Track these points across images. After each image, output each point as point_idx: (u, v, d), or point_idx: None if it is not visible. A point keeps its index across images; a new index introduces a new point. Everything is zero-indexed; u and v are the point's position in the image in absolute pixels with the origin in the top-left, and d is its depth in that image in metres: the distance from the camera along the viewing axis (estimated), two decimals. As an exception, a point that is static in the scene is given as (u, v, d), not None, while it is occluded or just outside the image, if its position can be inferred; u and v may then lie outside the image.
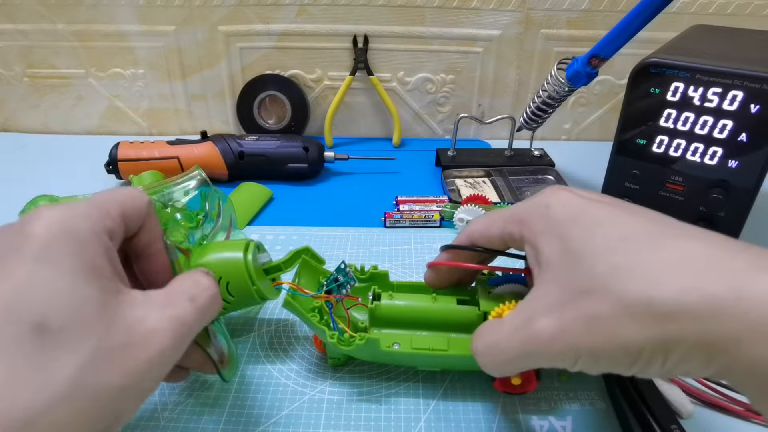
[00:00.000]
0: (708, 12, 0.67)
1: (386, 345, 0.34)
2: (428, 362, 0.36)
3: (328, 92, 0.76)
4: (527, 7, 0.68)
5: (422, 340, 0.35)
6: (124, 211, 0.25)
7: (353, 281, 0.35)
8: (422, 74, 0.74)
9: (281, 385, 0.37)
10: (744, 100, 0.38)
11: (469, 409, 0.35)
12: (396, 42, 0.71)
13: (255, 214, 0.58)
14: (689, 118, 0.40)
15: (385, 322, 0.36)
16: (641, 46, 0.54)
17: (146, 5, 0.69)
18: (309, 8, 0.69)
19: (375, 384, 0.37)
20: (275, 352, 0.39)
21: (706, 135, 0.40)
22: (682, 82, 0.40)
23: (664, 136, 0.42)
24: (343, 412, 0.35)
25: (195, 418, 0.34)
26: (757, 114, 0.38)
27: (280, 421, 0.34)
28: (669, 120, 0.41)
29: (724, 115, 0.39)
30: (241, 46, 0.72)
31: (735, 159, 0.40)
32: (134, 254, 0.28)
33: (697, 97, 0.40)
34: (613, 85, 0.73)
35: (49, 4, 0.70)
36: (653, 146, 0.43)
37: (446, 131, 0.78)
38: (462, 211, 0.54)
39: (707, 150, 0.41)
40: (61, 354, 0.19)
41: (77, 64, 0.74)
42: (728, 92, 0.38)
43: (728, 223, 0.42)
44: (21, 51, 0.73)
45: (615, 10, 0.68)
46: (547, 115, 0.60)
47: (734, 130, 0.39)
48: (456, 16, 0.69)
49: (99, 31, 0.71)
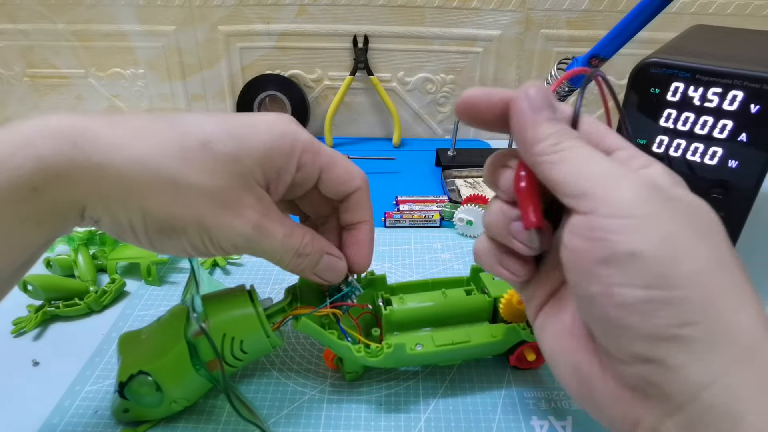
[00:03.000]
0: (708, 12, 0.67)
1: (410, 348, 0.34)
2: (451, 356, 0.36)
3: (328, 92, 0.76)
4: (527, 7, 0.68)
5: (443, 336, 0.35)
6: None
7: (358, 290, 0.34)
8: (422, 74, 0.74)
9: (281, 385, 0.37)
10: (744, 100, 0.38)
11: (469, 409, 0.35)
12: (396, 42, 0.71)
13: (255, 214, 0.58)
14: (689, 118, 0.40)
15: (399, 326, 0.36)
16: (641, 46, 0.54)
17: (146, 5, 0.69)
18: (309, 8, 0.69)
19: (375, 384, 0.37)
20: (275, 351, 0.39)
21: (706, 135, 0.40)
22: (682, 82, 0.40)
23: (664, 136, 0.42)
24: (343, 412, 0.35)
25: (195, 417, 0.34)
26: (757, 114, 0.38)
27: (280, 421, 0.34)
28: (669, 120, 0.41)
29: (724, 115, 0.39)
30: (241, 46, 0.72)
31: (735, 159, 0.40)
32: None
33: (697, 97, 0.40)
34: (613, 85, 0.73)
35: (49, 4, 0.70)
36: (653, 146, 0.43)
37: (446, 131, 0.78)
38: (462, 211, 0.54)
39: (707, 150, 0.41)
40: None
41: (77, 64, 0.74)
42: (728, 92, 0.38)
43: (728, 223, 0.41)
44: (21, 51, 0.73)
45: (615, 10, 0.68)
46: (547, 115, 0.60)
47: (734, 130, 0.39)
48: (456, 16, 0.69)
49: (99, 31, 0.71)
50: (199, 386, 0.33)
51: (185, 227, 0.26)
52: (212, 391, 0.35)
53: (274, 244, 0.29)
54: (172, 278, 0.48)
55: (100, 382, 0.37)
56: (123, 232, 0.26)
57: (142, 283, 0.47)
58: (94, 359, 0.39)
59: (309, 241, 0.30)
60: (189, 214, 0.26)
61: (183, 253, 0.28)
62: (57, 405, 0.35)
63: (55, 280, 0.44)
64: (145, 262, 0.46)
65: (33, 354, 0.39)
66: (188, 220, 0.26)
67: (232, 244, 0.27)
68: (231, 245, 0.28)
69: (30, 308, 0.43)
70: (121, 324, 0.42)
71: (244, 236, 0.27)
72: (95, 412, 0.34)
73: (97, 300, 0.43)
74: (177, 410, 0.33)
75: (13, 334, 0.41)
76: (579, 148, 0.22)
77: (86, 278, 0.46)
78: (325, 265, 0.31)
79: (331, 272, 0.32)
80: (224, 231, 0.27)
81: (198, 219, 0.26)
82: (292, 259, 0.30)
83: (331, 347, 0.34)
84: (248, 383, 0.37)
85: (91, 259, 0.47)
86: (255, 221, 0.27)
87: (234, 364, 0.33)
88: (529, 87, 0.23)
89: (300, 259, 0.30)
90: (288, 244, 0.29)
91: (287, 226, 0.29)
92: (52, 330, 0.42)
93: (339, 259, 0.32)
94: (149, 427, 0.33)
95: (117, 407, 0.33)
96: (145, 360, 0.32)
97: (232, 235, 0.27)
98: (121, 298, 0.45)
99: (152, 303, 0.45)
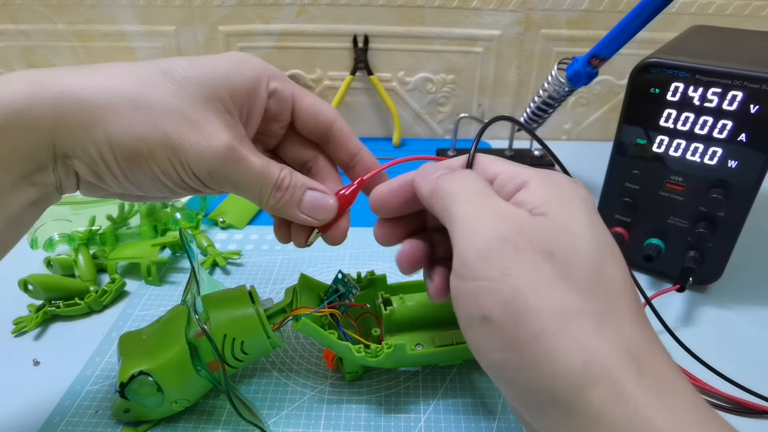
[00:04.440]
0: (708, 12, 0.67)
1: (410, 348, 0.34)
2: (451, 356, 0.35)
3: (328, 92, 0.75)
4: (527, 7, 0.68)
5: (443, 336, 0.35)
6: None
7: (355, 289, 0.35)
8: (422, 74, 0.74)
9: (281, 385, 0.37)
10: (744, 100, 0.38)
11: (469, 409, 0.35)
12: (396, 42, 0.71)
13: (255, 215, 0.58)
14: (689, 118, 0.40)
15: (399, 326, 0.36)
16: (641, 46, 0.54)
17: (146, 5, 0.69)
18: (309, 8, 0.69)
19: (375, 384, 0.37)
20: (275, 352, 0.39)
21: (706, 135, 0.40)
22: (682, 82, 0.40)
23: (664, 136, 0.42)
24: (343, 412, 0.35)
25: (195, 417, 0.34)
26: (757, 114, 0.38)
27: (280, 421, 0.34)
28: (669, 120, 0.41)
29: (724, 115, 0.39)
30: (241, 46, 0.72)
31: (735, 159, 0.40)
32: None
33: (697, 97, 0.40)
34: (613, 85, 0.73)
35: (49, 4, 0.70)
36: (653, 146, 0.43)
37: (446, 131, 0.78)
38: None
39: (707, 150, 0.41)
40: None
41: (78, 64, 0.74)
42: (728, 92, 0.38)
43: (728, 223, 0.42)
44: (22, 51, 0.74)
45: (615, 10, 0.68)
46: (547, 115, 0.60)
47: (734, 130, 0.39)
48: (456, 16, 0.69)
49: (99, 31, 0.71)
50: (199, 387, 0.33)
51: (152, 150, 0.25)
52: (213, 392, 0.35)
53: (252, 171, 0.28)
54: (172, 278, 0.48)
55: (100, 382, 0.37)
56: (96, 167, 0.26)
57: (142, 283, 0.47)
58: (95, 359, 0.39)
59: (288, 173, 0.29)
60: (153, 134, 0.25)
61: (160, 186, 0.27)
62: (57, 405, 0.35)
63: (56, 279, 0.44)
64: (145, 262, 0.46)
65: (33, 354, 0.39)
66: (153, 141, 0.25)
67: (204, 167, 0.26)
68: (204, 169, 0.26)
69: (30, 308, 0.43)
70: (122, 324, 0.42)
71: (215, 156, 0.26)
72: (96, 412, 0.34)
73: (98, 300, 0.43)
74: (177, 410, 0.33)
75: (13, 334, 0.41)
76: (458, 195, 0.23)
77: (86, 278, 0.46)
78: (309, 200, 0.30)
79: (319, 209, 0.30)
80: (193, 150, 0.26)
81: (163, 138, 0.25)
82: (272, 193, 0.29)
83: (331, 347, 0.34)
84: (248, 383, 0.37)
85: (91, 258, 0.47)
86: (226, 141, 0.26)
87: (235, 364, 0.33)
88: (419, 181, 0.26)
89: (279, 192, 0.29)
90: (266, 173, 0.28)
91: (263, 158, 0.28)
92: (53, 330, 0.42)
93: (325, 193, 0.30)
94: (149, 427, 0.33)
95: (117, 407, 0.33)
96: (146, 360, 0.32)
97: (201, 154, 0.26)
98: (121, 298, 0.45)
99: (152, 303, 0.45)
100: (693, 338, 0.40)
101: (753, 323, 0.43)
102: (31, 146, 0.24)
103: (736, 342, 0.41)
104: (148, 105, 0.25)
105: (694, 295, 0.46)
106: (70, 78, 0.25)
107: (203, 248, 0.51)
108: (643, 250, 0.45)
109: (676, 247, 0.45)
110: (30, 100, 0.24)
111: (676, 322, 0.43)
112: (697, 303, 0.45)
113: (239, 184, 0.28)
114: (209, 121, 0.26)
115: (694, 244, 0.44)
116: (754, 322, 0.43)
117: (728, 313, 0.44)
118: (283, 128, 0.32)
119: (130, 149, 0.25)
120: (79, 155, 0.25)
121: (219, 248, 0.52)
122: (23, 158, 0.24)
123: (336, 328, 0.34)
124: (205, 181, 0.27)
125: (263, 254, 0.51)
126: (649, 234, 0.46)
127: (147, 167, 0.26)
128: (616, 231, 0.47)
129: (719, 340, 0.41)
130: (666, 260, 0.45)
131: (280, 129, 0.32)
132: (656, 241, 0.45)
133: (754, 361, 0.39)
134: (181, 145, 0.26)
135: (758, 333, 0.42)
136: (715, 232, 0.43)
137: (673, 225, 0.44)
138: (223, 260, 0.49)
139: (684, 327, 0.43)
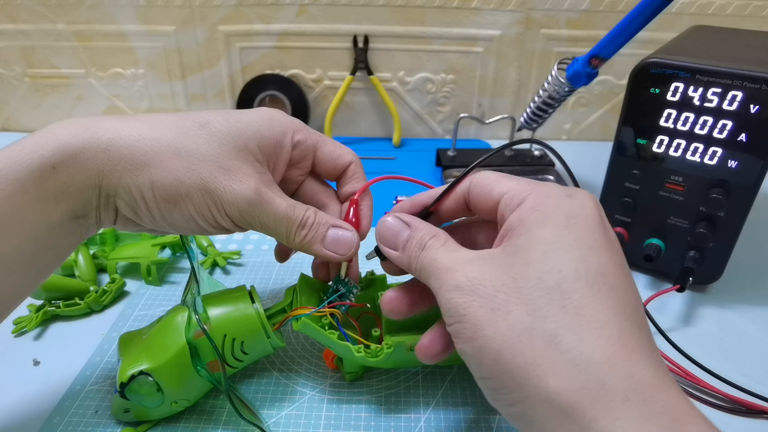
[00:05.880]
0: (708, 12, 0.67)
1: (410, 348, 0.33)
2: (451, 357, 0.35)
3: (328, 92, 0.76)
4: (527, 7, 0.68)
5: None
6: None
7: (355, 289, 0.35)
8: (422, 74, 0.74)
9: (281, 385, 0.37)
10: (744, 101, 0.38)
11: (469, 409, 0.35)
12: (396, 42, 0.71)
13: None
14: (689, 118, 0.40)
15: (399, 326, 0.36)
16: (641, 46, 0.54)
17: (146, 5, 0.69)
18: (309, 8, 0.69)
19: (375, 384, 0.37)
20: (275, 352, 0.39)
21: (706, 135, 0.40)
22: (682, 82, 0.40)
23: (664, 136, 0.42)
24: (343, 412, 0.35)
25: (195, 417, 0.34)
26: (757, 114, 0.38)
27: (280, 421, 0.34)
28: (669, 120, 0.41)
29: (724, 115, 0.39)
30: (241, 45, 0.72)
31: (735, 159, 0.40)
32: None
33: (697, 97, 0.40)
34: (613, 85, 0.73)
35: (49, 4, 0.70)
36: (653, 146, 0.43)
37: (446, 131, 0.78)
38: (462, 211, 0.53)
39: (707, 150, 0.41)
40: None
41: (78, 64, 0.74)
42: (728, 92, 0.38)
43: (728, 223, 0.42)
44: (22, 51, 0.74)
45: (615, 10, 0.68)
46: (547, 115, 0.60)
47: (734, 130, 0.39)
48: (456, 16, 0.69)
49: (99, 31, 0.71)
50: (199, 387, 0.33)
51: (189, 192, 0.29)
52: (213, 392, 0.35)
53: (278, 211, 0.30)
54: (172, 278, 0.48)
55: (100, 382, 0.37)
56: (136, 206, 0.29)
57: (142, 283, 0.47)
58: (95, 359, 0.39)
59: (312, 213, 0.32)
60: (191, 178, 0.28)
61: (193, 225, 0.30)
62: (57, 405, 0.35)
63: (56, 279, 0.44)
64: (145, 262, 0.46)
65: (33, 354, 0.39)
66: (191, 184, 0.28)
67: (236, 208, 0.29)
68: (236, 210, 0.29)
69: (30, 308, 0.43)
70: (121, 324, 0.42)
71: (246, 199, 0.29)
72: (96, 412, 0.34)
73: (98, 300, 0.43)
74: (177, 410, 0.33)
75: (13, 334, 0.41)
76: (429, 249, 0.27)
77: (86, 278, 0.46)
78: (332, 237, 0.32)
79: (341, 245, 0.32)
80: (227, 193, 0.29)
81: (200, 182, 0.29)
82: (297, 231, 0.31)
83: (331, 347, 0.34)
84: (248, 383, 0.37)
85: (91, 258, 0.47)
86: (255, 186, 0.30)
87: (234, 365, 0.33)
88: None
89: (304, 231, 0.31)
90: (291, 213, 0.31)
91: (289, 200, 0.31)
92: (53, 330, 0.42)
93: (348, 230, 0.33)
94: (149, 427, 0.33)
95: (117, 407, 0.33)
96: (146, 360, 0.32)
97: (234, 197, 0.29)
98: (121, 298, 0.45)
99: (152, 303, 0.45)
100: (693, 338, 0.40)
101: (753, 323, 0.43)
102: (81, 185, 0.28)
103: (736, 342, 0.41)
104: (188, 152, 0.29)
105: (694, 295, 0.46)
106: (117, 126, 0.29)
107: (203, 248, 0.51)
108: (643, 250, 0.45)
109: (676, 247, 0.45)
110: (84, 144, 0.27)
111: (675, 323, 0.43)
112: (697, 303, 0.45)
113: (267, 223, 0.31)
114: (240, 169, 0.30)
115: (694, 244, 0.44)
116: (754, 322, 0.43)
117: (728, 313, 0.44)
118: (304, 175, 0.35)
119: (170, 191, 0.28)
120: (122, 194, 0.28)
121: (219, 248, 0.52)
122: (73, 196, 0.28)
123: (336, 328, 0.34)
124: (236, 221, 0.30)
125: (263, 254, 0.51)
126: (649, 234, 0.46)
127: (184, 207, 0.29)
128: (617, 231, 0.47)
129: (719, 341, 0.41)
130: (666, 260, 0.45)
131: (301, 176, 0.35)
132: (656, 241, 0.45)
133: (754, 361, 0.39)
134: (216, 188, 0.29)
135: (758, 333, 0.42)
136: (715, 232, 0.43)
137: (673, 225, 0.44)
138: (223, 260, 0.49)
139: (684, 327, 0.43)
